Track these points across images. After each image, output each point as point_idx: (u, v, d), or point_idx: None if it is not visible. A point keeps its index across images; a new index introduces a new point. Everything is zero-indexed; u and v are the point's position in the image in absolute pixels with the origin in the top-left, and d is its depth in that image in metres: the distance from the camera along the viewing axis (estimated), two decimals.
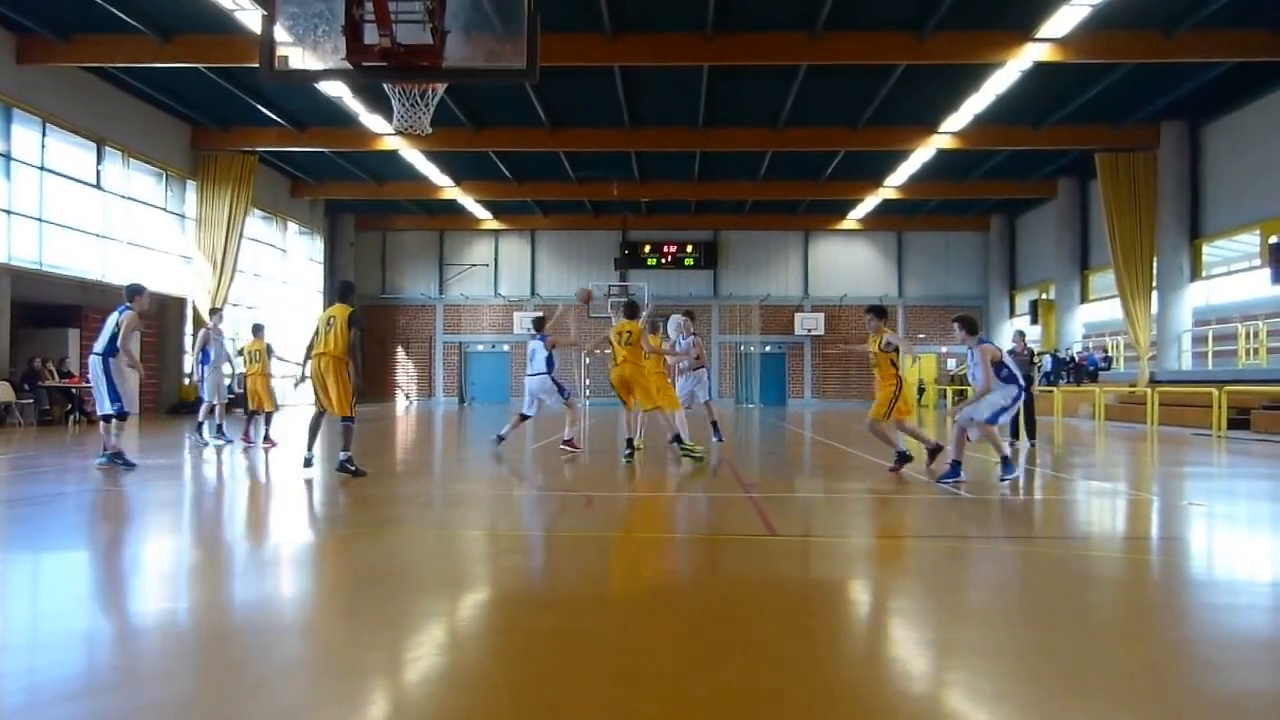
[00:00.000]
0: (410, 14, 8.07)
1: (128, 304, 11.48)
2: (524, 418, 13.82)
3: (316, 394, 9.93)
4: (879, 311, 11.37)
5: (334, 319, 9.90)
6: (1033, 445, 15.01)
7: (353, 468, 9.69)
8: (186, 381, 26.64)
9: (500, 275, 39.90)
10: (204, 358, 14.39)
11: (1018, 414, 14.51)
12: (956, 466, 9.50)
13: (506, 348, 39.96)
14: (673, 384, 13.59)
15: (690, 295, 39.10)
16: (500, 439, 13.75)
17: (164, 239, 26.12)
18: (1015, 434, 14.82)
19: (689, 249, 39.13)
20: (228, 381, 14.82)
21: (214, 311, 15.09)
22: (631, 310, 12.13)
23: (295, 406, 25.14)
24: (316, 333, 10.03)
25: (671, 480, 10.27)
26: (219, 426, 14.26)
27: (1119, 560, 6.15)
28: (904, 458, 10.62)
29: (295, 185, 33.53)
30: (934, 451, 10.78)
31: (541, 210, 37.61)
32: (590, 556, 6.19)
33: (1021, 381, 9.91)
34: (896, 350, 10.85)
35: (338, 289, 10.58)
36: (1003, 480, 9.38)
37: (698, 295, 39.40)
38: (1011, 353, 15.02)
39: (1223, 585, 5.43)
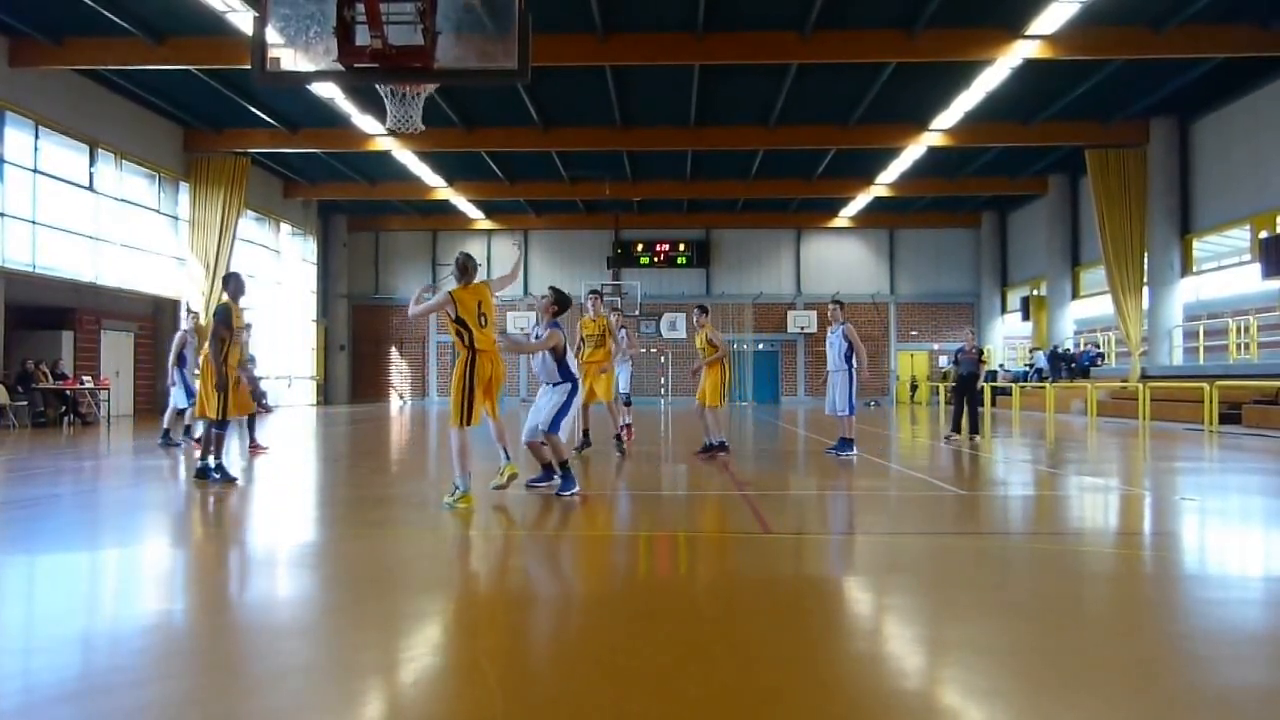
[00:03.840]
0: (401, 15, 8.07)
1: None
2: None
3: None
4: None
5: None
6: (972, 438, 15.44)
7: (218, 475, 9.21)
8: None
9: (493, 275, 39.67)
10: (184, 361, 14.06)
11: (961, 408, 15.25)
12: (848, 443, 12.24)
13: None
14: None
15: (683, 294, 39.13)
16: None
17: (157, 241, 26.06)
18: (956, 427, 15.25)
19: (681, 248, 39.20)
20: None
21: (191, 313, 14.80)
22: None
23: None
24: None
25: (664, 478, 10.30)
26: (186, 428, 14.15)
27: (1111, 555, 6.19)
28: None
29: (288, 186, 33.47)
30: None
31: (534, 210, 37.60)
32: (584, 555, 6.21)
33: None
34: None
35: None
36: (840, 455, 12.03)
37: (690, 294, 39.42)
38: (961, 350, 15.87)
39: (1214, 580, 5.47)
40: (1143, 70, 21.35)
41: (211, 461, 9.28)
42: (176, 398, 13.99)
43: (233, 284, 9.70)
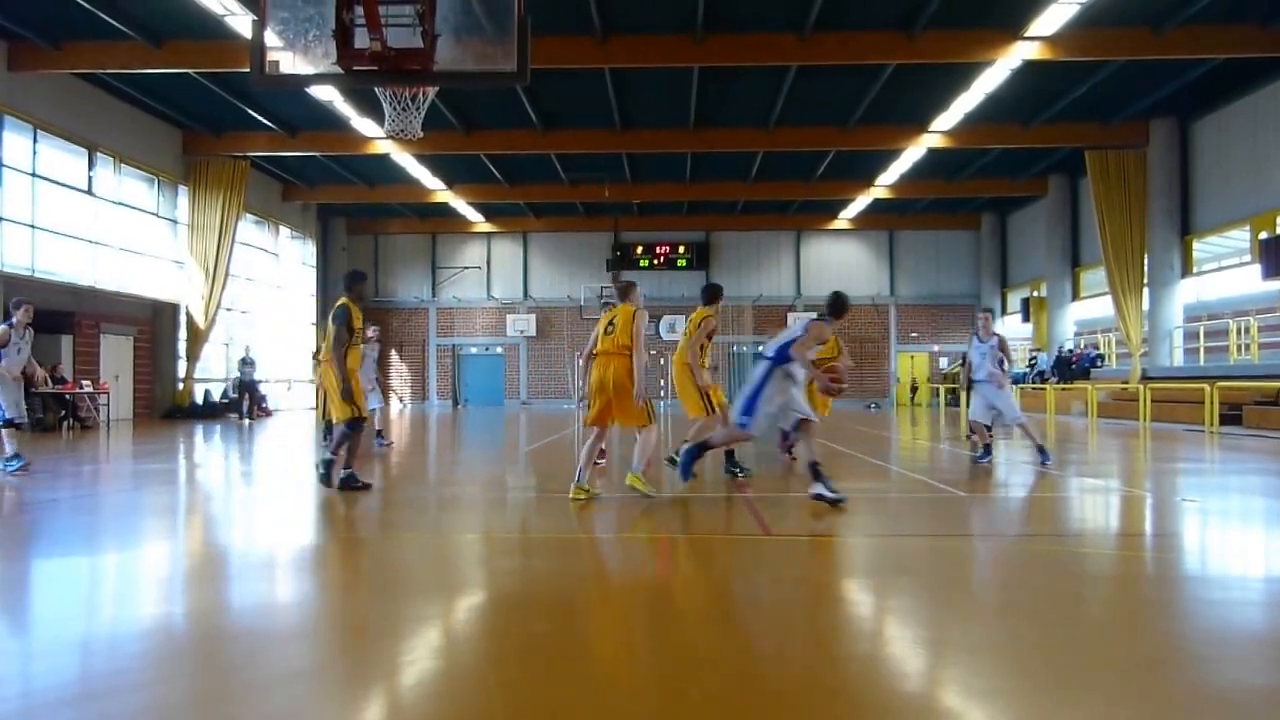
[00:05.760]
0: (400, 18, 8.08)
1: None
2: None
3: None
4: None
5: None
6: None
7: (358, 483, 8.91)
8: (180, 386, 26.61)
9: (493, 278, 39.89)
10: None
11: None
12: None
13: (500, 350, 39.99)
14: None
15: (683, 296, 39.13)
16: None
17: (156, 244, 26.06)
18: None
19: (681, 250, 39.21)
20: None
21: (373, 326, 15.39)
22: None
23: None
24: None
25: (665, 481, 10.27)
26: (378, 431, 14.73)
27: (1112, 556, 6.18)
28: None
29: (287, 189, 33.48)
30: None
31: (533, 212, 37.61)
32: (585, 558, 6.20)
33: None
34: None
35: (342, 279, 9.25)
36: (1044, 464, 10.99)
37: (690, 296, 39.36)
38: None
39: (1216, 581, 5.46)
40: (1142, 71, 21.34)
41: (343, 470, 8.99)
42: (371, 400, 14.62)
43: (359, 284, 9.32)
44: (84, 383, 21.85)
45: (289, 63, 8.30)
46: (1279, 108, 21.61)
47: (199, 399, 27.11)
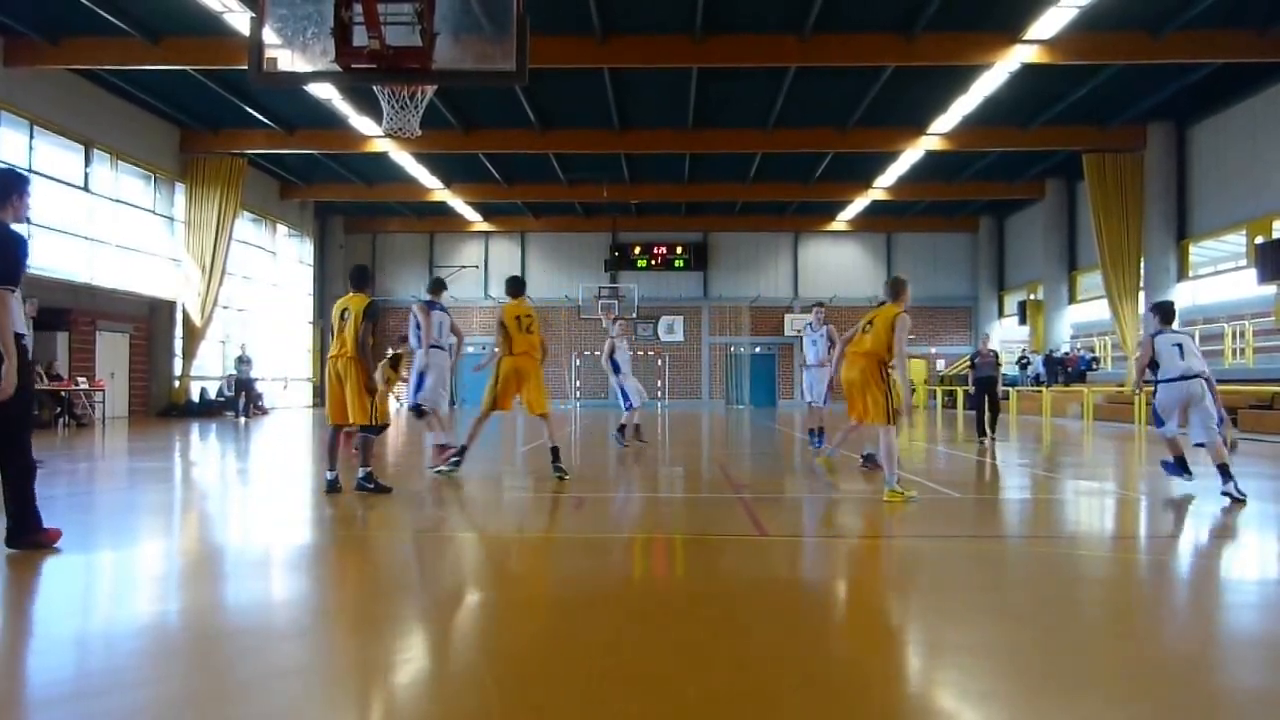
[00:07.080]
0: (399, 16, 8.06)
1: None
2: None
3: (329, 403, 8.65)
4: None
5: (348, 311, 8.54)
6: (992, 439, 16.00)
7: (371, 485, 8.58)
8: (176, 384, 26.56)
9: (490, 277, 39.85)
10: (616, 367, 14.77)
11: (983, 411, 15.90)
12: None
13: (497, 349, 39.94)
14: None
15: (680, 296, 39.17)
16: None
17: (153, 242, 26.03)
18: (982, 430, 15.80)
19: (679, 250, 39.21)
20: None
21: (617, 320, 15.52)
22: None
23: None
24: (333, 331, 8.73)
25: (662, 482, 10.28)
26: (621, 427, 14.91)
27: (1108, 559, 6.18)
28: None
29: (284, 187, 33.44)
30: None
31: (531, 212, 37.60)
32: (581, 558, 6.19)
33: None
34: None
35: (351, 276, 8.88)
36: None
37: (688, 297, 39.47)
38: (977, 354, 16.44)
39: (1211, 583, 5.47)
40: (1140, 75, 21.39)
41: (360, 471, 8.69)
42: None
43: (369, 277, 9.00)
44: (80, 380, 21.81)
45: (287, 60, 8.28)
46: (1276, 112, 21.66)
47: (195, 397, 27.06)
